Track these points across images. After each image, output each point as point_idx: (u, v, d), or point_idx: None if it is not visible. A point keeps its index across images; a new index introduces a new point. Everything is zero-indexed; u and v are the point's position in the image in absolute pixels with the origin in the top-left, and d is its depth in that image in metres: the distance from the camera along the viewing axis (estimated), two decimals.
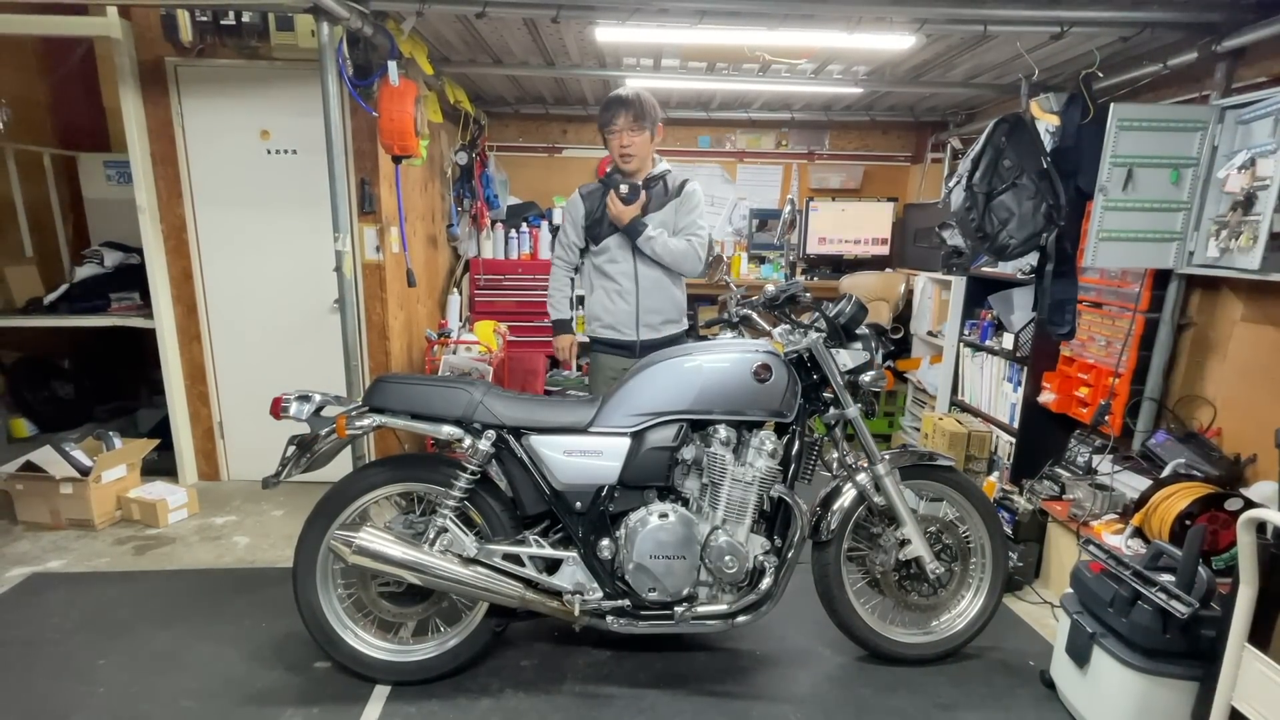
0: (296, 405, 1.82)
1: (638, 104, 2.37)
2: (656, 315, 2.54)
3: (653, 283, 2.50)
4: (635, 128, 2.38)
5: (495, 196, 4.38)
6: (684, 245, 2.44)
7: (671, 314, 2.57)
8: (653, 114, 2.40)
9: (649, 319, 2.53)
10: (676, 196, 2.48)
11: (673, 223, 2.48)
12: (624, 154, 2.41)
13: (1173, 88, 2.70)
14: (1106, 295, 2.73)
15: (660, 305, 2.53)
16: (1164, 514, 2.11)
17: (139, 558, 2.69)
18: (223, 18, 2.77)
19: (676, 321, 2.59)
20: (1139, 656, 1.70)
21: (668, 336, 2.55)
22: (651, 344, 2.48)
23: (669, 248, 2.43)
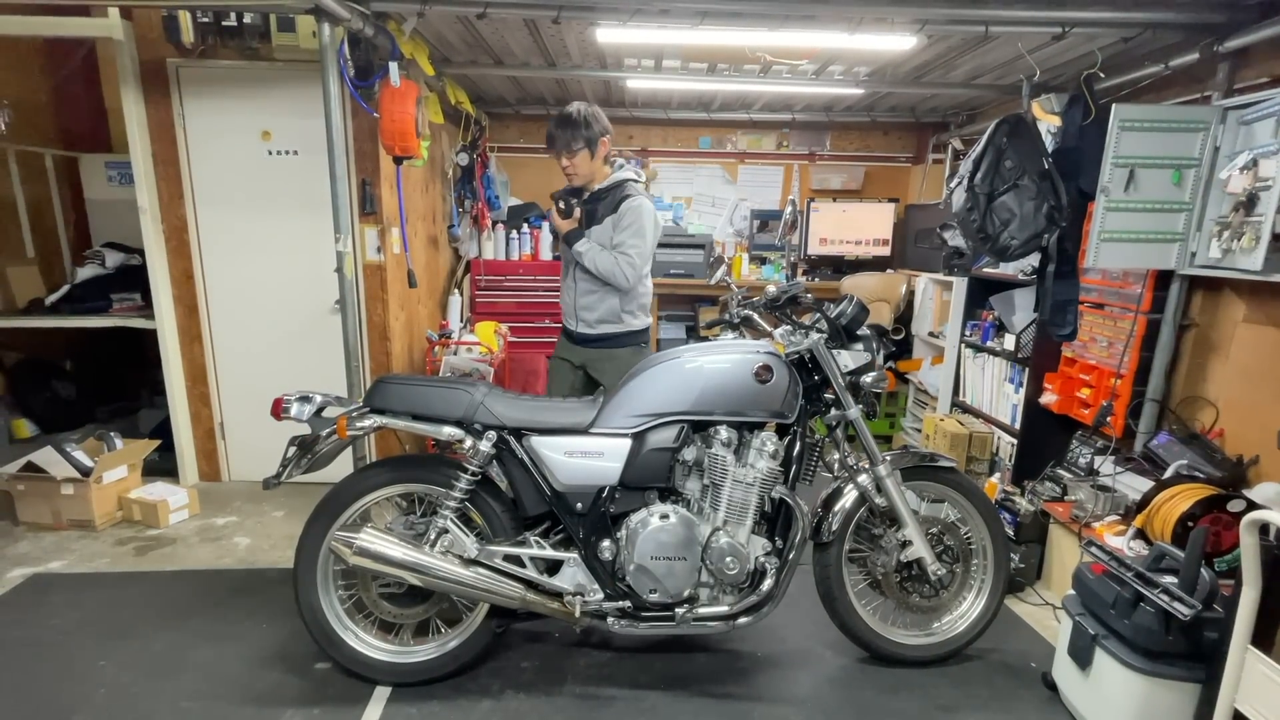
0: (297, 406, 1.82)
1: (569, 129, 2.41)
2: (590, 314, 2.58)
3: (586, 287, 2.57)
4: (570, 151, 2.43)
5: (496, 197, 4.39)
6: (609, 263, 2.45)
7: (606, 316, 2.58)
8: (588, 132, 2.41)
9: (583, 315, 2.60)
10: (614, 213, 2.48)
11: (609, 237, 2.49)
12: (567, 174, 2.50)
13: (1174, 88, 2.70)
14: (1108, 296, 2.73)
15: (592, 306, 2.57)
16: (1166, 515, 2.10)
17: (140, 558, 2.69)
18: (224, 19, 2.77)
19: (613, 323, 2.59)
20: (1141, 658, 1.69)
21: (604, 334, 2.59)
22: (586, 338, 2.62)
23: (596, 264, 2.47)
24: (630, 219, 2.46)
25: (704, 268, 4.48)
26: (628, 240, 2.47)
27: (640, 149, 4.74)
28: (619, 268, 2.46)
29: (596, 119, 2.44)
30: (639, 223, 2.46)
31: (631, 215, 2.46)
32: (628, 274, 2.46)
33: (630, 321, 2.61)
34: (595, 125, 2.43)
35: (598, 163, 2.49)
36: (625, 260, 2.46)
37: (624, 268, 2.46)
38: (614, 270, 2.46)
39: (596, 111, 2.44)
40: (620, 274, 2.46)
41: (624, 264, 2.46)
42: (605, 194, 2.50)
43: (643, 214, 2.47)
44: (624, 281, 2.47)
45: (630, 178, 2.54)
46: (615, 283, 2.49)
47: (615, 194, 2.50)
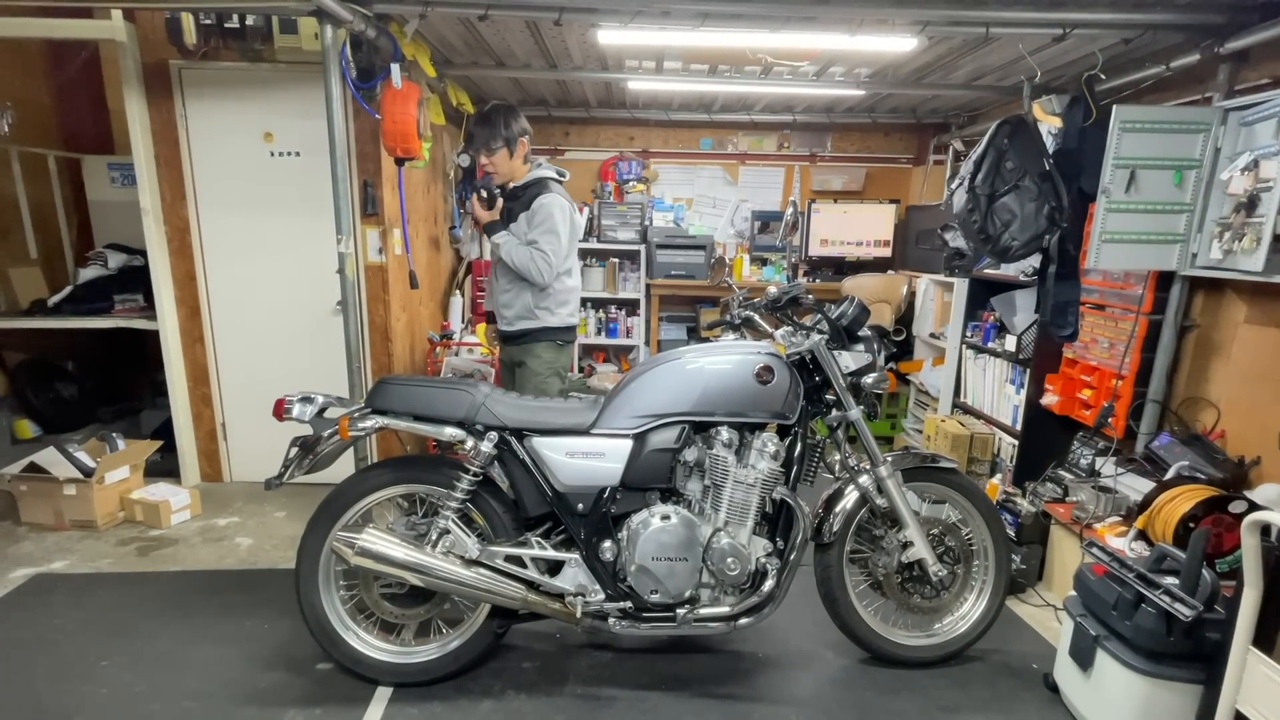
0: (299, 407, 1.82)
1: (488, 127, 2.50)
2: (509, 310, 2.63)
3: (504, 284, 2.63)
4: (489, 149, 2.53)
5: None
6: (525, 257, 2.50)
7: (522, 312, 2.62)
8: (507, 132, 2.50)
9: (504, 312, 2.66)
10: (527, 209, 2.53)
11: (523, 233, 2.54)
12: (485, 171, 2.60)
13: (1175, 89, 2.70)
14: (1109, 297, 2.73)
15: (510, 303, 2.63)
16: (1168, 516, 2.10)
17: (142, 559, 2.70)
18: (227, 20, 2.78)
19: (528, 319, 2.63)
20: (1143, 659, 1.69)
21: (522, 330, 2.64)
22: (508, 335, 2.69)
23: (513, 257, 2.52)
24: (542, 215, 2.50)
25: (705, 269, 4.49)
26: (541, 237, 2.50)
27: (641, 150, 4.75)
28: (534, 263, 2.49)
29: (515, 119, 2.52)
30: (550, 219, 2.50)
31: (544, 212, 2.50)
32: (543, 270, 2.49)
33: (546, 318, 2.62)
34: (514, 125, 2.51)
35: (516, 161, 2.57)
36: (540, 256, 2.49)
37: (539, 263, 2.49)
38: (529, 265, 2.50)
39: (516, 112, 2.53)
40: (535, 269, 2.49)
41: (539, 260, 2.49)
42: (521, 191, 2.56)
43: (554, 210, 2.50)
44: (539, 277, 2.50)
45: (549, 176, 2.59)
46: (531, 278, 2.52)
47: (530, 191, 2.54)
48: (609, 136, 4.73)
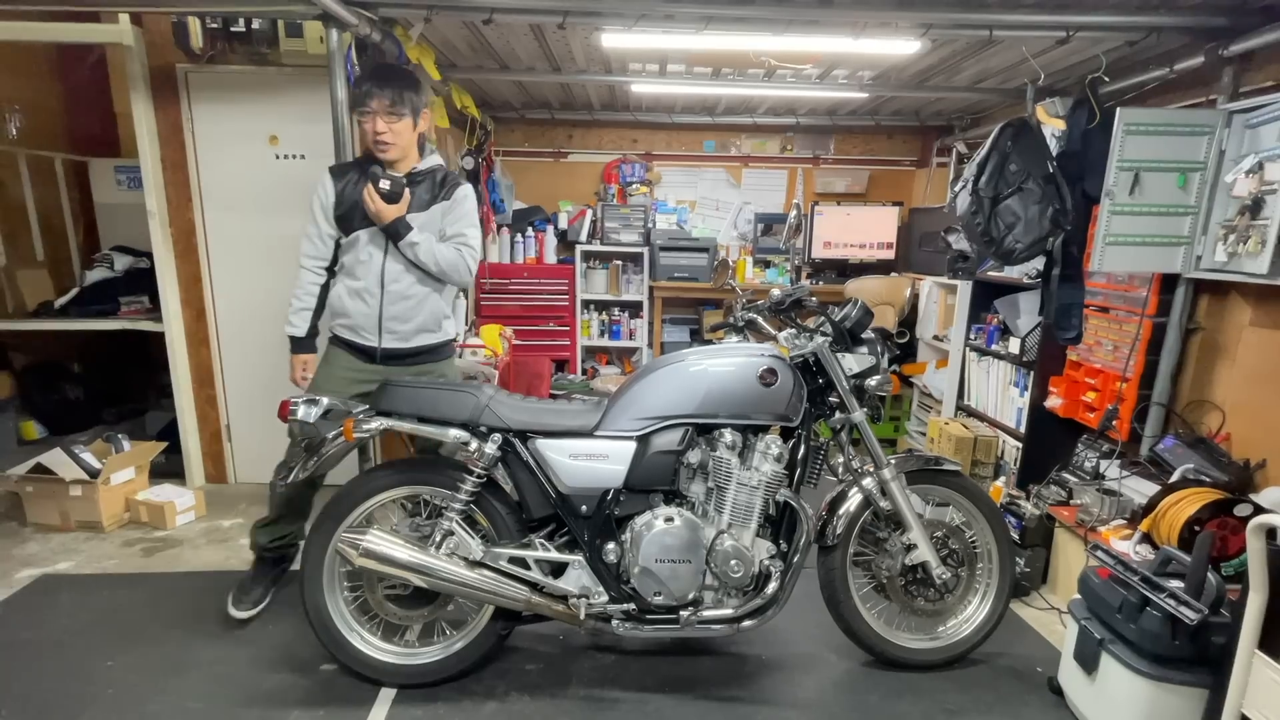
0: (304, 408, 1.83)
1: (400, 84, 2.05)
2: (405, 323, 2.20)
3: (403, 289, 2.17)
4: (394, 113, 2.04)
5: (501, 201, 4.41)
6: (453, 254, 2.15)
7: (428, 323, 2.24)
8: (416, 97, 2.09)
9: (395, 326, 2.19)
10: (445, 199, 2.17)
11: (438, 227, 2.18)
12: (379, 142, 2.07)
13: (1179, 92, 2.70)
14: (1113, 300, 2.72)
15: (410, 313, 2.19)
16: (1172, 520, 2.10)
17: (147, 560, 2.71)
18: (233, 24, 2.79)
19: (433, 331, 2.26)
20: (1148, 663, 1.69)
21: (422, 346, 2.24)
22: (397, 353, 2.21)
23: (436, 256, 2.13)
24: (468, 206, 2.20)
25: (708, 271, 4.49)
26: (466, 229, 2.19)
27: (644, 153, 4.76)
28: (463, 260, 2.16)
29: (423, 86, 2.13)
30: (474, 211, 2.22)
31: (469, 203, 2.20)
32: (472, 268, 2.20)
33: (449, 328, 2.33)
34: (424, 91, 2.12)
35: (415, 137, 2.14)
36: (469, 252, 2.18)
37: (468, 260, 2.17)
38: (458, 264, 2.16)
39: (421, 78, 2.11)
40: (465, 268, 2.17)
41: (468, 255, 2.17)
42: (424, 177, 2.16)
43: (475, 201, 2.24)
44: (467, 275, 2.20)
45: (442, 164, 2.25)
46: (455, 278, 2.20)
47: (437, 177, 2.19)
48: (612, 139, 4.74)
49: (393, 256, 2.14)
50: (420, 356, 2.25)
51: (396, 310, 2.17)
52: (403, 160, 2.13)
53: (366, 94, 2.03)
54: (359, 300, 2.17)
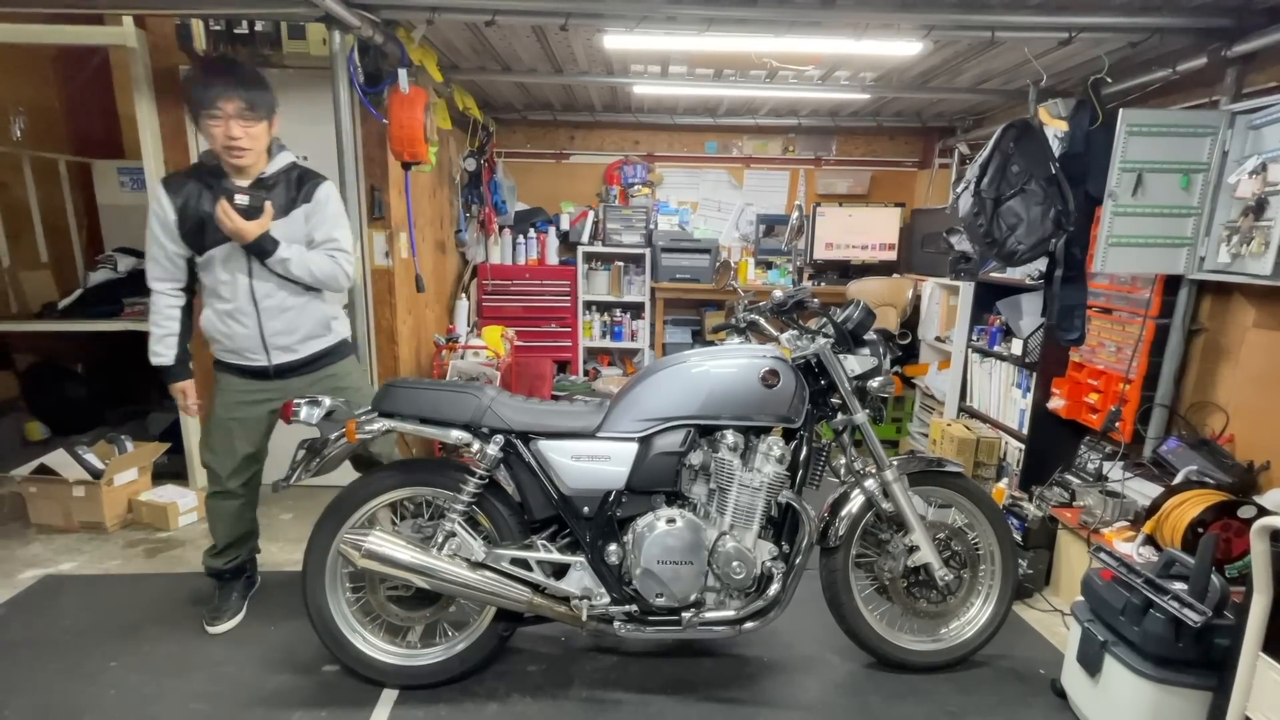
0: (307, 409, 1.83)
1: (254, 84, 1.88)
2: (289, 335, 2.06)
3: (278, 303, 2.02)
4: (251, 116, 1.88)
5: (503, 202, 4.42)
6: (328, 264, 2.00)
7: (314, 331, 2.10)
8: (269, 97, 1.92)
9: (280, 341, 2.06)
10: (306, 201, 2.00)
11: (302, 232, 2.00)
12: (234, 148, 1.88)
13: (1182, 92, 2.69)
14: (1116, 301, 2.72)
15: (293, 325, 2.06)
16: (1176, 521, 2.09)
17: (150, 560, 2.71)
18: (236, 26, 2.80)
19: (321, 336, 2.13)
20: (1151, 665, 1.68)
21: (315, 354, 2.13)
22: (291, 366, 2.10)
23: (310, 268, 1.98)
24: (334, 207, 2.06)
25: (710, 272, 4.50)
26: (337, 233, 2.04)
27: (646, 154, 4.77)
28: (339, 267, 2.02)
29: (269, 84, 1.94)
30: (341, 212, 2.08)
31: (334, 204, 2.06)
32: (349, 272, 2.06)
33: (340, 329, 2.19)
34: (272, 93, 1.94)
35: (268, 140, 1.98)
36: (344, 257, 2.04)
37: (344, 265, 2.04)
38: (335, 273, 2.02)
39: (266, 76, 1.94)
40: (342, 274, 2.03)
41: (343, 261, 2.04)
42: (276, 180, 1.99)
43: (340, 205, 2.09)
44: (346, 282, 2.07)
45: (294, 159, 2.07)
46: (334, 287, 2.07)
47: (292, 178, 2.02)
48: (614, 140, 4.74)
49: (260, 275, 1.98)
50: (316, 364, 2.14)
51: (277, 326, 2.03)
52: (255, 165, 1.96)
53: (217, 95, 1.82)
54: (234, 322, 2.01)
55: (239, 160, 1.91)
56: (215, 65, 1.87)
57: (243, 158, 1.91)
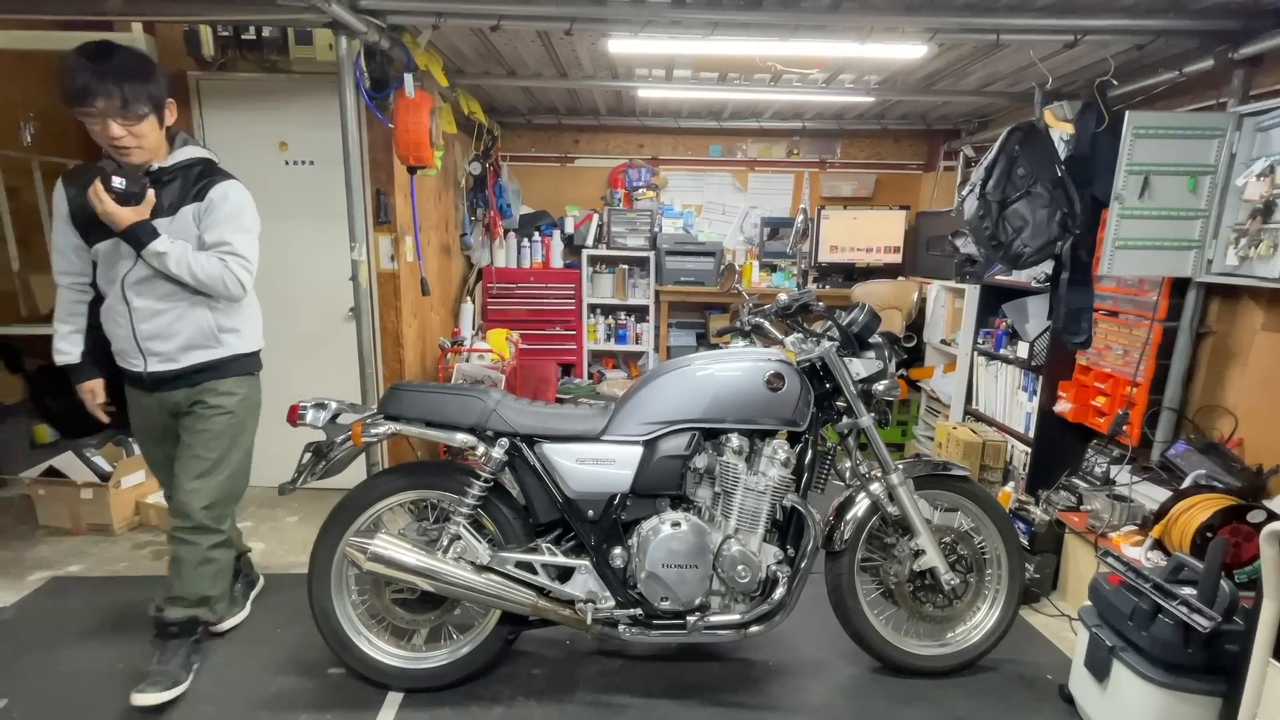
0: (313, 412, 1.84)
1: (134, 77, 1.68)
2: (165, 342, 1.87)
3: (152, 304, 1.84)
4: (132, 114, 1.69)
5: (508, 206, 4.43)
6: (215, 266, 1.82)
7: (196, 339, 1.90)
8: (157, 90, 1.73)
9: (155, 346, 1.88)
10: (198, 200, 1.84)
11: (192, 233, 1.84)
12: (119, 148, 1.74)
13: (1189, 95, 2.68)
14: (1123, 304, 2.71)
15: (168, 330, 1.87)
16: (1184, 526, 2.08)
17: (157, 562, 2.73)
18: (244, 32, 2.83)
19: (207, 348, 1.92)
20: (1160, 671, 1.67)
21: (195, 366, 1.92)
22: (166, 377, 1.90)
23: (193, 268, 1.80)
24: (230, 207, 1.86)
25: (714, 275, 4.50)
26: (231, 236, 1.85)
27: (651, 157, 4.77)
28: (229, 272, 1.84)
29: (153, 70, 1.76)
30: (242, 213, 1.88)
31: (231, 204, 1.86)
32: (242, 280, 1.86)
33: (235, 343, 1.97)
34: (162, 81, 1.77)
35: (162, 133, 1.82)
36: (237, 262, 1.84)
37: (236, 272, 1.84)
38: (223, 276, 1.83)
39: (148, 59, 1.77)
40: (233, 281, 1.85)
41: (235, 266, 1.84)
42: (174, 174, 1.83)
43: (245, 201, 1.90)
44: (237, 290, 1.87)
45: (208, 155, 1.91)
46: (224, 293, 1.86)
47: (191, 174, 1.85)
48: (618, 144, 4.75)
49: (136, 269, 1.82)
50: (197, 377, 1.92)
51: (150, 328, 1.86)
52: (153, 158, 1.81)
53: (87, 91, 1.63)
54: (112, 320, 1.88)
55: (127, 159, 1.77)
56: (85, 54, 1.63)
57: (130, 156, 1.75)
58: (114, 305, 1.88)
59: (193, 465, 1.94)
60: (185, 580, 1.97)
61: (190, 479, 1.94)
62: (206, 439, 1.95)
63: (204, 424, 1.95)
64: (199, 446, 1.95)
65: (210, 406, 1.95)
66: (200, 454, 1.95)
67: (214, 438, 1.96)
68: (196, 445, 1.95)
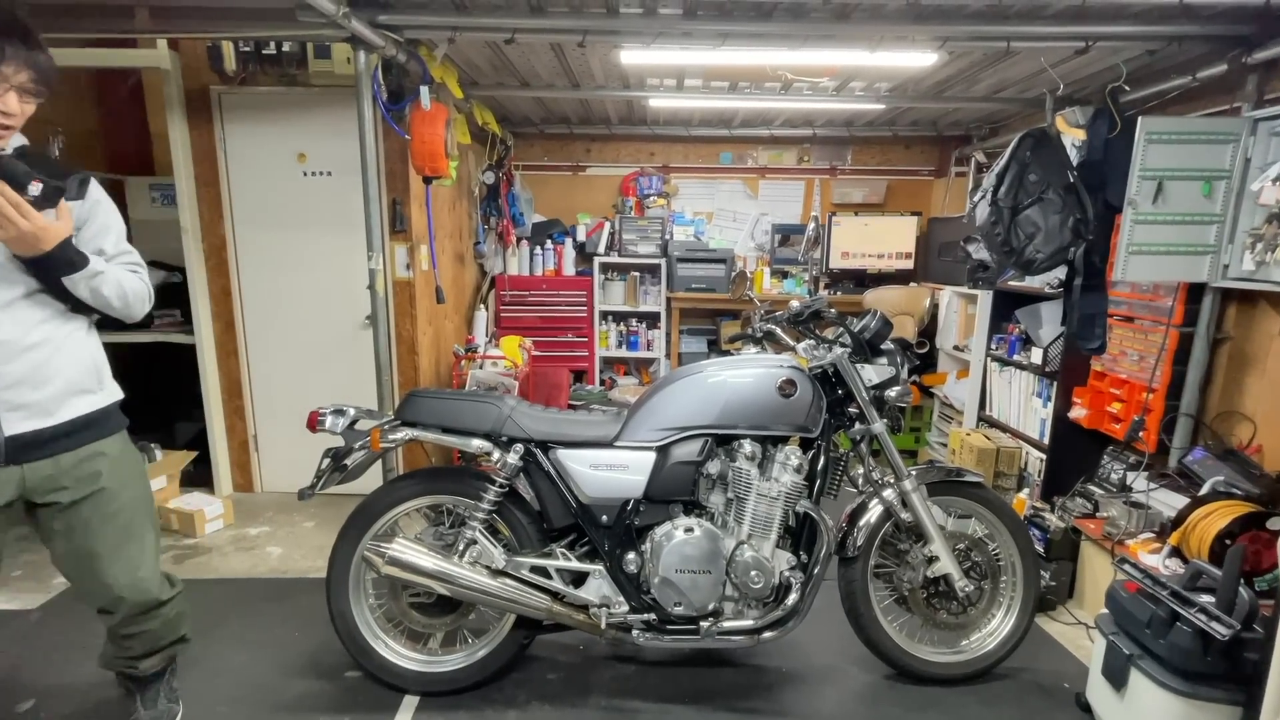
0: (332, 419, 1.88)
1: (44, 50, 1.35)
2: (39, 388, 1.39)
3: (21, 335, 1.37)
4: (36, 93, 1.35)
5: (520, 214, 4.48)
6: (138, 283, 1.52)
7: (78, 380, 1.46)
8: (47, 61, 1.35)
9: (23, 396, 1.37)
10: (79, 198, 1.45)
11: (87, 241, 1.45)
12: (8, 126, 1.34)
13: (1203, 100, 2.67)
14: (1138, 309, 2.69)
15: (44, 371, 1.40)
16: (1203, 533, 2.06)
17: (177, 566, 2.77)
18: (264, 47, 2.90)
19: (91, 392, 1.49)
20: (1178, 679, 1.65)
21: (78, 420, 1.46)
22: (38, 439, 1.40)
23: (124, 288, 1.47)
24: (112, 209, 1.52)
25: (725, 282, 4.51)
26: (126, 245, 1.54)
27: (662, 165, 4.80)
28: (147, 288, 1.55)
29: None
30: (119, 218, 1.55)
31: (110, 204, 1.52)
32: (151, 296, 1.57)
33: (111, 384, 1.58)
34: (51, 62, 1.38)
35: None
36: (144, 273, 1.56)
37: (149, 286, 1.57)
38: (143, 293, 1.54)
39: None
40: (147, 297, 1.56)
41: (147, 279, 1.56)
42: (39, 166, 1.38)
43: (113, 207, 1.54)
44: (142, 309, 1.55)
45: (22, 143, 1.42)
46: (139, 312, 1.54)
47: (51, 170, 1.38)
48: (630, 152, 4.79)
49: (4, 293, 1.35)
50: (78, 436, 1.46)
51: (18, 370, 1.36)
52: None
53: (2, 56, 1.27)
54: None
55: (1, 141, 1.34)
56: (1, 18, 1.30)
57: (4, 139, 1.35)
58: None
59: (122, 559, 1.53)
60: (164, 638, 1.74)
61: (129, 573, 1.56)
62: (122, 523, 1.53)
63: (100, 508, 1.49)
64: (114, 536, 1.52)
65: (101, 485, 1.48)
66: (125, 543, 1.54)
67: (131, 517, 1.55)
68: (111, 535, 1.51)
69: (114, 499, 1.52)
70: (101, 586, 1.56)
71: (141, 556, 1.60)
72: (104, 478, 1.50)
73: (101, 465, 1.50)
